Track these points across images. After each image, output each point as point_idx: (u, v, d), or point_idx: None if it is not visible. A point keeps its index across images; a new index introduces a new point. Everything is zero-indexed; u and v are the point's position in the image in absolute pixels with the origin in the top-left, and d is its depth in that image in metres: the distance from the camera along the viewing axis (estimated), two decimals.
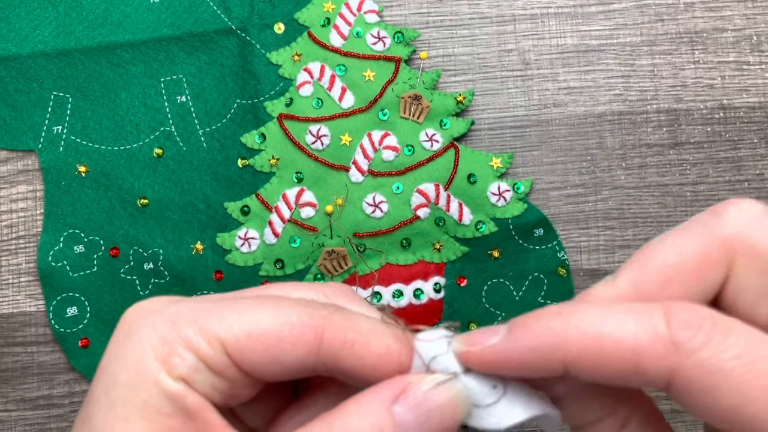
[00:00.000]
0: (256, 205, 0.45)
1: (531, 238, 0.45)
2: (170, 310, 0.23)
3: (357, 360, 0.22)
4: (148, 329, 0.22)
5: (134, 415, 0.21)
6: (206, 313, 0.22)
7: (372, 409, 0.21)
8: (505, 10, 0.46)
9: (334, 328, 0.22)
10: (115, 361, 0.22)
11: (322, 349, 0.22)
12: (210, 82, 0.45)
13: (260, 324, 0.22)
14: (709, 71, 0.46)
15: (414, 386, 0.21)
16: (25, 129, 0.45)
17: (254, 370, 0.22)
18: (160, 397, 0.22)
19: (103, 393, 0.22)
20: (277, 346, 0.22)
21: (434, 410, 0.21)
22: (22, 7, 0.46)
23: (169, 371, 0.22)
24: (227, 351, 0.22)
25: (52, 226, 0.45)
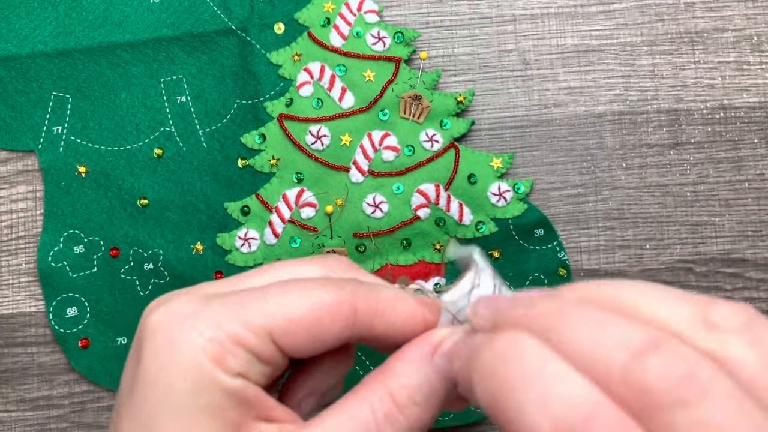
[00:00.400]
0: (256, 205, 0.45)
1: (531, 238, 0.45)
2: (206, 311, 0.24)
3: (388, 326, 0.25)
4: (193, 333, 0.23)
5: (201, 418, 0.23)
6: (245, 308, 0.24)
7: (418, 365, 0.24)
8: (505, 10, 0.46)
9: (363, 300, 0.25)
10: (167, 369, 0.23)
11: (357, 322, 0.25)
12: (210, 83, 0.45)
13: (298, 309, 0.24)
14: (709, 71, 0.46)
15: (449, 337, 0.24)
16: (25, 129, 0.45)
17: (298, 351, 0.24)
18: (222, 396, 0.23)
19: (164, 403, 0.23)
20: (317, 326, 0.24)
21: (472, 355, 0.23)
22: (22, 8, 0.46)
23: (226, 370, 0.23)
24: (273, 339, 0.24)
25: (52, 227, 0.45)
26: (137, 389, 0.23)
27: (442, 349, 0.24)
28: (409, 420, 0.23)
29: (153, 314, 0.24)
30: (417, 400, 0.24)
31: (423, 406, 0.24)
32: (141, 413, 0.23)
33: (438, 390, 0.24)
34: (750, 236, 0.45)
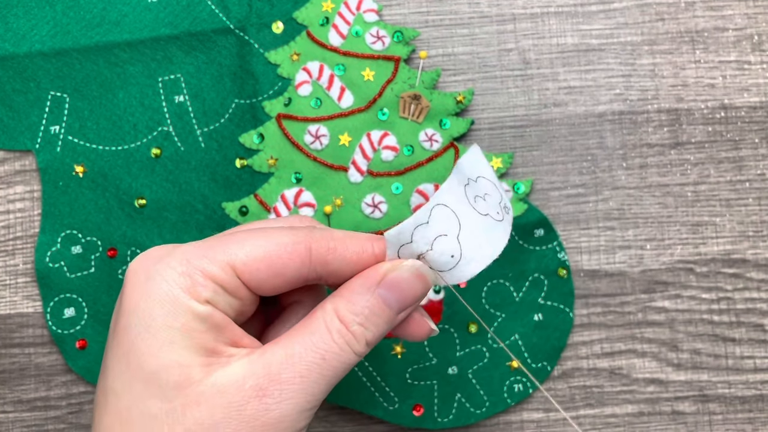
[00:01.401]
0: (254, 205, 0.45)
1: (531, 238, 0.45)
2: (178, 252, 0.28)
3: (341, 260, 0.29)
4: (167, 269, 0.27)
5: (177, 337, 0.27)
6: (212, 248, 0.28)
7: (362, 293, 0.29)
8: (505, 9, 0.46)
9: (317, 240, 0.29)
10: (146, 300, 0.27)
11: (312, 258, 0.29)
12: (208, 82, 0.45)
13: (259, 248, 0.28)
14: (710, 71, 0.46)
15: (390, 274, 0.29)
16: (23, 129, 0.45)
17: (260, 286, 0.28)
18: (194, 319, 0.27)
19: (144, 327, 0.27)
20: (277, 263, 0.28)
21: (407, 286, 0.29)
22: (20, 7, 0.46)
23: (196, 297, 0.27)
24: (237, 274, 0.28)
25: (49, 227, 0.45)
26: (120, 320, 0.28)
27: (384, 281, 0.29)
28: (356, 335, 0.28)
29: (133, 261, 0.29)
30: (360, 320, 0.28)
31: (366, 326, 0.28)
32: (124, 339, 0.27)
33: (379, 315, 0.29)
34: (751, 236, 0.45)
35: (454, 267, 0.29)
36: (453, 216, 0.28)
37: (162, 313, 0.27)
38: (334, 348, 0.28)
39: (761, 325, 0.45)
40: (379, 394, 0.44)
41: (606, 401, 0.45)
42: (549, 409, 0.45)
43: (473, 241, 0.29)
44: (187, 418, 0.26)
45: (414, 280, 0.29)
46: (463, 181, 0.29)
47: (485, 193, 0.30)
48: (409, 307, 0.29)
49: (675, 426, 0.44)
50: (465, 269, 0.29)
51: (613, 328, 0.45)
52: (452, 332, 0.44)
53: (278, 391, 0.27)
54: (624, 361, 0.45)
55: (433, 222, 0.28)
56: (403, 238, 0.28)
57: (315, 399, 0.28)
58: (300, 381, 0.27)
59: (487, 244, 0.29)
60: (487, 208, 0.29)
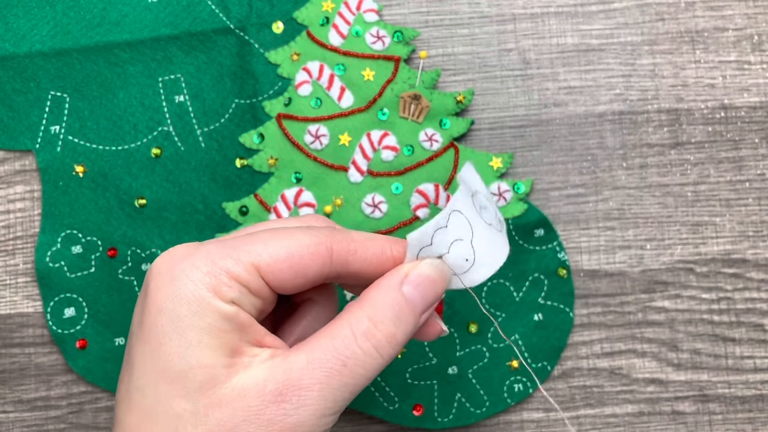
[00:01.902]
0: (254, 205, 0.45)
1: (531, 238, 0.45)
2: (202, 251, 0.28)
3: (361, 262, 0.30)
4: (192, 269, 0.28)
5: (203, 337, 0.27)
6: (236, 248, 0.28)
7: (389, 291, 0.29)
8: (505, 9, 0.46)
9: (338, 241, 0.29)
10: (172, 300, 0.27)
11: (333, 259, 0.29)
12: (208, 82, 0.45)
13: (283, 249, 0.28)
14: (710, 71, 0.46)
15: (413, 271, 0.29)
16: (23, 129, 0.45)
17: (282, 286, 0.29)
18: (220, 319, 0.27)
19: (171, 327, 0.27)
20: (300, 263, 0.29)
21: (429, 284, 0.29)
22: (20, 7, 0.46)
23: (222, 297, 0.27)
24: (261, 274, 0.28)
25: (49, 227, 0.45)
26: (146, 319, 0.28)
27: (408, 279, 0.29)
28: (385, 335, 0.28)
29: (156, 261, 0.29)
30: (390, 319, 0.28)
31: (395, 324, 0.28)
32: (151, 337, 0.27)
33: (406, 313, 0.29)
34: (751, 236, 0.45)
35: (468, 271, 0.30)
36: (467, 222, 0.30)
37: (189, 313, 0.27)
38: (358, 353, 0.28)
39: (761, 325, 0.45)
40: (379, 394, 0.44)
41: (606, 401, 0.45)
42: (549, 409, 0.45)
43: (484, 248, 0.30)
44: (209, 419, 0.27)
45: (435, 276, 0.30)
46: (469, 192, 0.30)
47: (484, 205, 0.31)
48: (431, 305, 0.30)
49: (675, 426, 0.44)
50: (478, 273, 0.30)
51: (613, 328, 0.45)
52: (452, 332, 0.44)
53: (296, 397, 0.27)
54: (624, 361, 0.45)
55: (451, 226, 0.30)
56: (424, 241, 0.30)
57: (336, 405, 0.28)
58: (319, 388, 0.27)
59: (494, 251, 0.31)
60: (490, 218, 0.31)
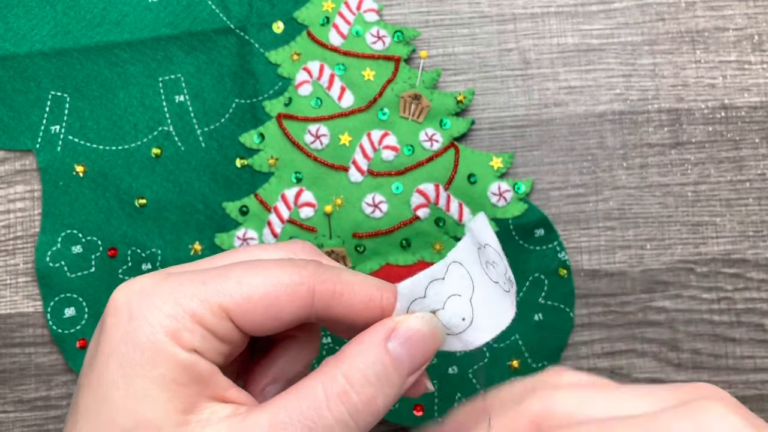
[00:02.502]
0: (254, 205, 0.45)
1: (531, 238, 0.45)
2: (166, 287, 0.25)
3: (345, 308, 0.26)
4: (152, 309, 0.24)
5: (153, 389, 0.23)
6: (204, 285, 0.25)
7: (371, 348, 0.25)
8: (505, 9, 0.46)
9: (322, 282, 0.25)
10: (125, 343, 0.24)
11: (315, 302, 0.25)
12: (208, 82, 0.45)
13: (257, 288, 0.25)
14: (710, 71, 0.46)
15: (401, 325, 0.25)
16: (23, 129, 0.45)
17: (254, 329, 0.25)
18: (176, 368, 0.24)
19: (119, 374, 0.24)
20: (275, 306, 0.25)
21: (419, 342, 0.25)
22: (20, 7, 0.46)
23: (181, 344, 0.24)
24: (230, 317, 0.25)
25: (49, 227, 0.45)
26: (96, 362, 0.24)
27: (396, 334, 0.25)
28: (361, 399, 0.24)
29: (117, 292, 0.25)
30: (371, 380, 0.24)
31: (376, 387, 0.24)
32: (99, 384, 0.24)
33: (391, 373, 0.25)
34: (751, 236, 0.45)
35: (464, 331, 0.27)
36: (467, 276, 0.27)
37: (141, 360, 0.24)
38: (327, 419, 0.23)
39: (761, 324, 0.45)
40: None
41: None
42: None
43: (484, 308, 0.27)
44: None
45: (427, 333, 0.26)
46: (476, 243, 0.27)
47: (493, 261, 0.28)
48: (420, 366, 0.26)
49: None
50: (474, 336, 0.27)
51: (613, 327, 0.45)
52: None
53: None
54: (624, 361, 0.45)
55: (449, 279, 0.26)
56: (417, 292, 0.26)
57: None
58: None
59: (497, 313, 0.27)
60: (497, 276, 0.28)
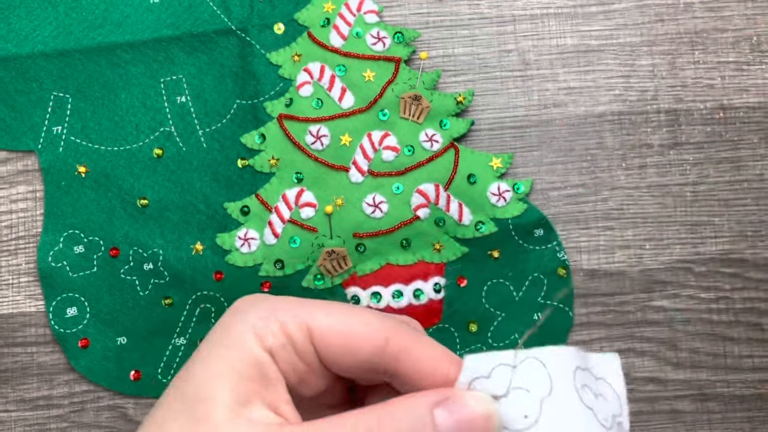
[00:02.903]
0: (255, 205, 0.45)
1: (531, 238, 0.45)
2: (270, 300, 0.28)
3: (413, 366, 0.27)
4: (252, 311, 0.27)
5: (225, 373, 0.26)
6: (300, 306, 0.28)
7: (417, 407, 0.24)
8: (505, 10, 0.46)
9: (399, 335, 0.27)
10: (222, 331, 0.27)
11: (387, 350, 0.27)
12: (210, 83, 0.45)
13: (342, 322, 0.27)
14: (709, 71, 0.46)
15: (457, 396, 0.24)
16: (25, 129, 0.45)
17: (330, 358, 0.27)
18: (247, 360, 0.26)
19: (206, 351, 0.27)
20: (353, 342, 0.27)
21: (470, 421, 0.24)
22: (22, 8, 0.46)
23: (261, 342, 0.26)
24: (312, 338, 0.27)
25: (51, 227, 0.45)
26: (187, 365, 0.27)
27: (447, 405, 0.24)
28: None
29: (239, 300, 0.29)
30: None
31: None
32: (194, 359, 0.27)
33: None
34: (749, 236, 0.45)
35: (523, 430, 0.24)
36: (547, 379, 0.24)
37: (225, 345, 0.27)
38: None
39: (759, 324, 0.45)
40: None
41: None
42: None
43: (557, 418, 0.24)
44: None
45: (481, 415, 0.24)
46: (579, 362, 0.25)
47: (600, 393, 0.26)
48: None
49: (674, 425, 0.45)
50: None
51: (612, 327, 0.45)
52: (453, 332, 0.45)
53: None
54: (623, 360, 0.45)
55: (521, 370, 0.24)
56: (482, 370, 0.25)
57: None
58: None
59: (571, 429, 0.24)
60: (595, 405, 0.25)
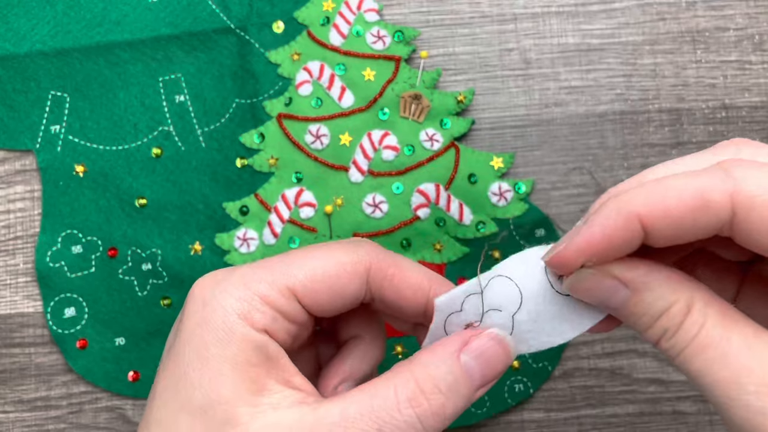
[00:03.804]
0: (255, 205, 0.45)
1: (532, 238, 0.45)
2: (236, 275, 0.27)
3: (396, 290, 0.27)
4: (224, 294, 0.26)
5: (227, 368, 0.25)
6: (271, 270, 0.26)
7: (445, 358, 0.25)
8: (506, 8, 0.46)
9: (378, 261, 0.27)
10: (201, 326, 0.26)
11: (370, 280, 0.27)
12: (209, 82, 0.45)
13: (319, 269, 0.27)
14: (711, 70, 0.46)
15: (476, 340, 0.26)
16: (23, 129, 0.45)
17: (320, 308, 0.27)
18: (247, 348, 0.25)
19: (196, 354, 0.25)
20: (338, 283, 0.27)
21: (492, 358, 0.26)
22: (20, 7, 0.46)
23: (252, 324, 0.25)
24: (297, 297, 0.26)
25: (49, 227, 0.45)
26: (174, 347, 0.26)
27: (469, 348, 0.26)
28: (432, 406, 0.25)
29: (193, 286, 0.27)
30: (442, 389, 0.25)
31: (447, 396, 0.25)
32: (176, 366, 0.26)
33: (462, 385, 0.25)
34: None
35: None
36: (515, 290, 0.26)
37: (215, 341, 0.25)
38: (398, 420, 0.24)
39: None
40: None
41: (607, 401, 0.45)
42: (550, 409, 0.45)
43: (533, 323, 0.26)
44: None
45: (500, 350, 0.26)
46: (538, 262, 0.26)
47: None
48: (491, 382, 0.26)
49: (676, 426, 0.44)
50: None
51: None
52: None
53: None
54: (625, 361, 0.45)
55: (489, 293, 0.26)
56: (453, 306, 0.26)
57: None
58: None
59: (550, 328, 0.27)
60: None
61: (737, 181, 0.22)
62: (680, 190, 0.22)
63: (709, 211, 0.22)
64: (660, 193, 0.22)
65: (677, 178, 0.22)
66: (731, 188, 0.22)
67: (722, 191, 0.22)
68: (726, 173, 0.22)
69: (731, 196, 0.22)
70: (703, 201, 0.22)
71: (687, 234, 0.23)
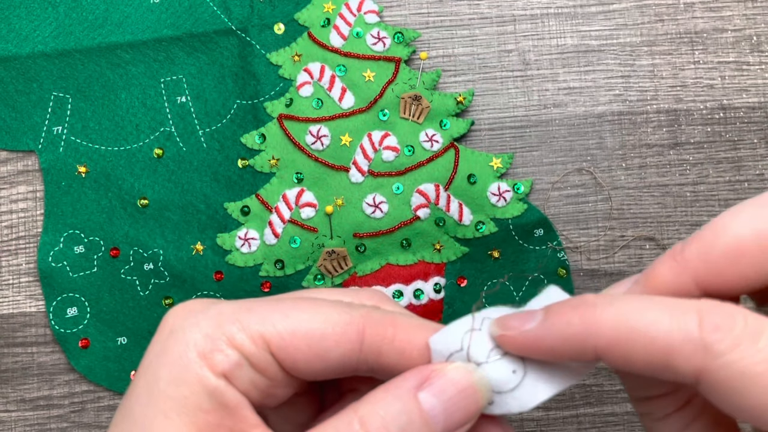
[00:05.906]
0: (256, 205, 0.45)
1: (531, 238, 0.45)
2: (213, 310, 0.23)
3: (398, 354, 0.23)
4: (192, 327, 0.23)
5: (174, 411, 0.22)
6: (249, 312, 0.23)
7: (399, 395, 0.22)
8: (505, 10, 0.46)
9: (374, 324, 0.23)
10: (158, 357, 0.23)
11: (364, 346, 0.23)
12: (210, 83, 0.45)
13: (303, 323, 0.23)
14: (709, 71, 0.46)
15: (437, 373, 0.22)
16: (25, 129, 0.45)
17: (296, 367, 0.23)
18: (200, 392, 0.22)
19: (145, 389, 0.22)
20: (320, 344, 0.23)
21: (457, 395, 0.22)
22: (23, 8, 0.46)
23: (211, 367, 0.22)
24: (271, 349, 0.23)
25: (52, 227, 0.45)
26: (136, 376, 0.24)
27: (430, 384, 0.22)
28: None
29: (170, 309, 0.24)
30: (390, 430, 0.21)
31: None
32: (130, 395, 0.23)
33: (418, 426, 0.22)
34: None
35: (516, 387, 0.22)
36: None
37: (168, 377, 0.22)
38: None
39: None
40: None
41: (605, 400, 0.45)
42: (549, 408, 0.45)
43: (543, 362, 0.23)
44: None
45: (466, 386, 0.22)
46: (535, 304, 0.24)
47: None
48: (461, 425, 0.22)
49: None
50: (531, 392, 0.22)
51: None
52: None
53: None
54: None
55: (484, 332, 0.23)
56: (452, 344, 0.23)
57: None
58: None
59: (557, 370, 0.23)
60: None
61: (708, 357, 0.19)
62: (645, 344, 0.20)
63: (670, 373, 0.20)
64: (625, 338, 0.20)
65: (650, 323, 0.20)
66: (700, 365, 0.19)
67: (688, 365, 0.19)
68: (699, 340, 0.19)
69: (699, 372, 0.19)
70: (666, 365, 0.20)
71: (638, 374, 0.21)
